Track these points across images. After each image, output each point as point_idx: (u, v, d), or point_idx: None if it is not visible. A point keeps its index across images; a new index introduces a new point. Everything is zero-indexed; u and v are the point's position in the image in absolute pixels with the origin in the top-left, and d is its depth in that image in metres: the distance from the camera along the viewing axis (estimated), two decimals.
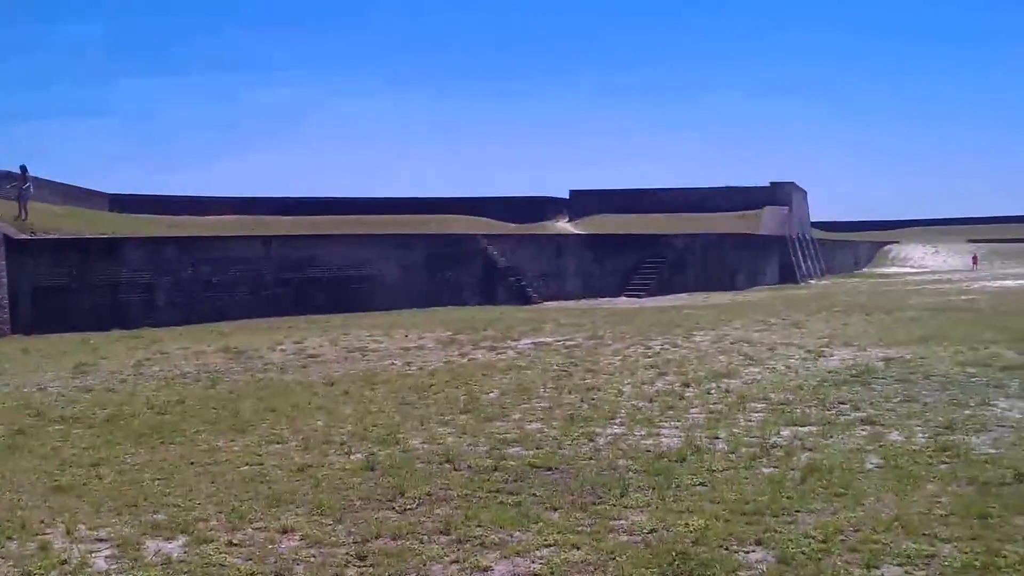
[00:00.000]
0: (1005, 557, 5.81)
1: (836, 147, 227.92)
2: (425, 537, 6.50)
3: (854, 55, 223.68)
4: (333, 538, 6.54)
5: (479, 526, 6.70)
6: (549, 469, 8.48)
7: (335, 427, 10.70)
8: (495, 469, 8.50)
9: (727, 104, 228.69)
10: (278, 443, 9.94)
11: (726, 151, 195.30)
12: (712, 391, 12.60)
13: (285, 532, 6.71)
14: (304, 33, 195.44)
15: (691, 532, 6.46)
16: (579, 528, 6.65)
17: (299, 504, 7.43)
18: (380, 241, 36.78)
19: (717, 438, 9.58)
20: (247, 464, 8.99)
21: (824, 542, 6.18)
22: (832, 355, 15.86)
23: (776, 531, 6.44)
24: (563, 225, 58.34)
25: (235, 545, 6.45)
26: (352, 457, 9.12)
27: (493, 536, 6.48)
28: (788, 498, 7.22)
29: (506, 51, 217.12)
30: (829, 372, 13.90)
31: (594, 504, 7.26)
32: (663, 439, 9.64)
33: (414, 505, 7.34)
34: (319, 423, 11.03)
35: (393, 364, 16.61)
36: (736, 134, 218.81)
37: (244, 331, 23.75)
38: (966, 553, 5.90)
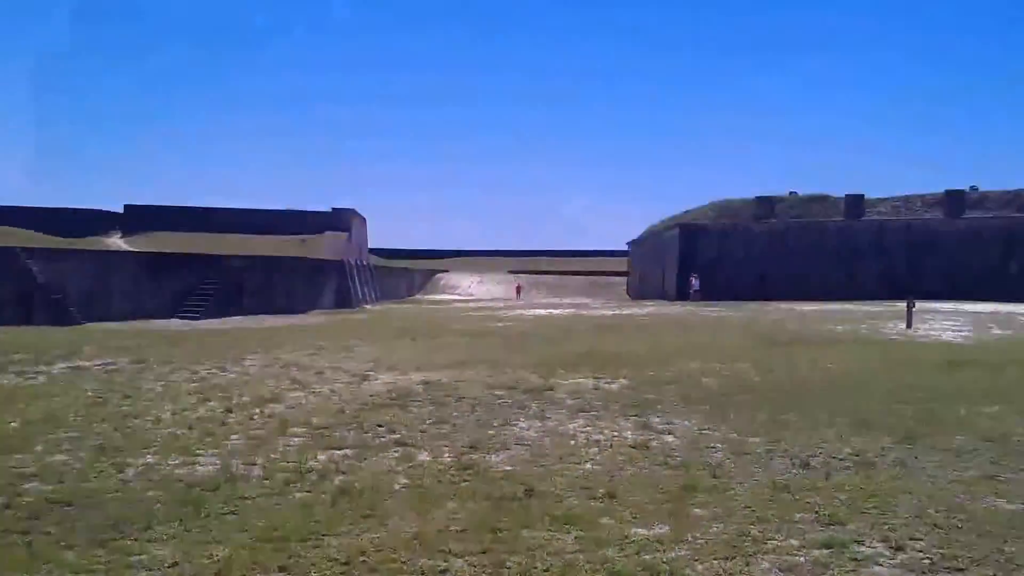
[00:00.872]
0: (509, 568, 6.28)
1: (397, 177, 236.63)
2: None
3: (420, 95, 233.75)
4: None
5: None
6: (69, 504, 7.93)
7: None
8: (7, 507, 7.80)
9: (297, 130, 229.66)
10: None
11: (291, 174, 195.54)
12: (255, 416, 12.48)
13: None
14: None
15: (215, 563, 6.34)
16: (95, 567, 6.28)
17: None
18: None
19: (254, 464, 9.48)
20: None
21: (347, 564, 6.33)
22: (376, 379, 16.32)
23: (301, 556, 6.50)
24: (116, 241, 55.40)
25: None
26: None
27: None
28: (316, 522, 7.31)
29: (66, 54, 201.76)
30: (371, 396, 14.28)
31: (115, 539, 6.89)
32: (198, 468, 9.39)
33: None
34: None
35: None
36: (301, 158, 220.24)
37: None
38: (475, 566, 6.31)
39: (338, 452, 10.10)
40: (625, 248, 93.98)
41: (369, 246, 77.74)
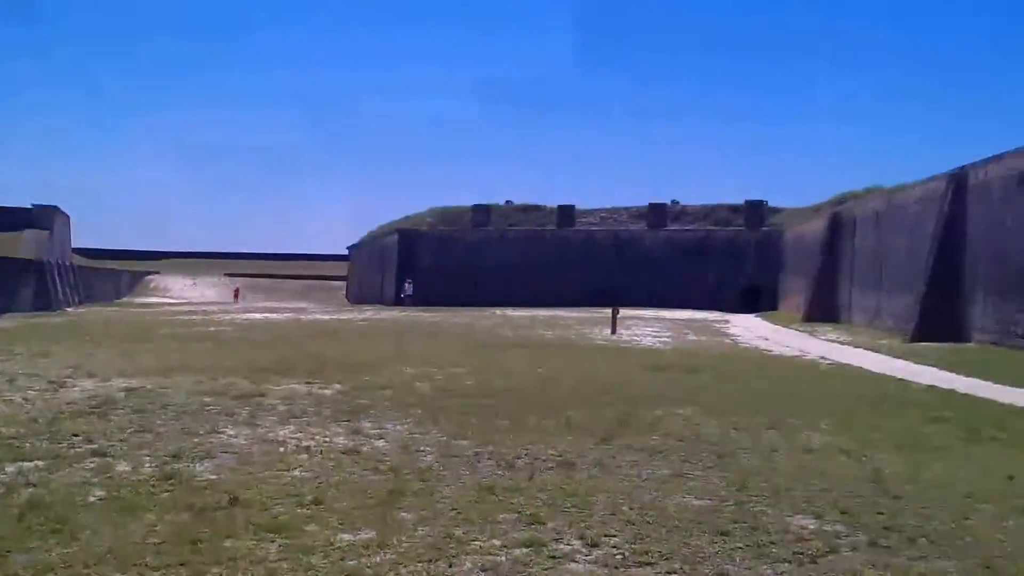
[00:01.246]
0: None
1: (105, 172, 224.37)
2: None
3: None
4: None
5: None
6: None
7: None
8: None
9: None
10: None
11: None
12: None
13: None
14: None
15: None
16: None
17: None
18: None
19: None
20: None
21: None
22: (74, 386, 15.42)
23: None
24: None
25: None
26: None
27: None
28: (1, 539, 6.84)
29: None
30: (68, 404, 13.47)
31: None
32: None
33: None
34: None
35: None
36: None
37: None
38: None
39: (28, 464, 9.46)
40: (346, 252, 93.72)
41: (73, 245, 73.15)
